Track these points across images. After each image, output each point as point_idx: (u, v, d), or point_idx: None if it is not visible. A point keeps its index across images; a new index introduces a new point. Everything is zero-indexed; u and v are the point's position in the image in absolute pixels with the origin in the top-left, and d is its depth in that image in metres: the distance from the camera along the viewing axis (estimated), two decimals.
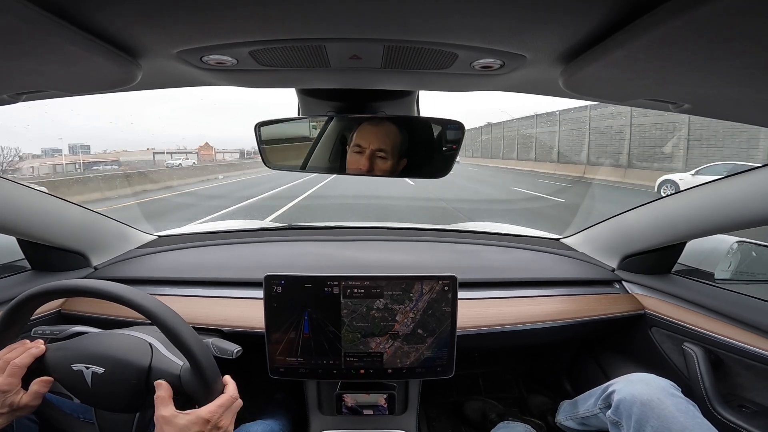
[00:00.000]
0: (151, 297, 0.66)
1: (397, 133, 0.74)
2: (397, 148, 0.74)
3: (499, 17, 0.38)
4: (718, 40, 0.34)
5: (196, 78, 0.60)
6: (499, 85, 0.63)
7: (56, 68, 0.47)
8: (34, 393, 0.65)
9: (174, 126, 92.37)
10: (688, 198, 0.96)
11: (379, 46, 0.46)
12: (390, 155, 0.74)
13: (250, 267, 1.17)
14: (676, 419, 0.74)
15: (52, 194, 1.01)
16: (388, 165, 0.75)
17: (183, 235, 1.40)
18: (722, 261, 1.03)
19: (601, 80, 0.50)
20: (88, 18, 0.38)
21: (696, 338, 0.97)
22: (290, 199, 8.24)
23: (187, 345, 0.64)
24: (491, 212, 7.34)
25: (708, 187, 0.91)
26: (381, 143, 0.74)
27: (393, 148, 0.74)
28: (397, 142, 0.74)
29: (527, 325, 1.01)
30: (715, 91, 0.49)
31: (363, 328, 0.86)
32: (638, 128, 13.16)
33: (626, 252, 1.17)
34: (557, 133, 17.96)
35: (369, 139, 0.74)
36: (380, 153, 0.74)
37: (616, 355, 1.23)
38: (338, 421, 1.00)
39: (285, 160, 0.84)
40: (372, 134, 0.74)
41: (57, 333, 0.78)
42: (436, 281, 0.85)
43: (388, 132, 0.74)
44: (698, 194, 0.93)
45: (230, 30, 0.42)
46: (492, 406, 1.34)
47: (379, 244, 1.38)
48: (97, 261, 1.16)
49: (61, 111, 66.97)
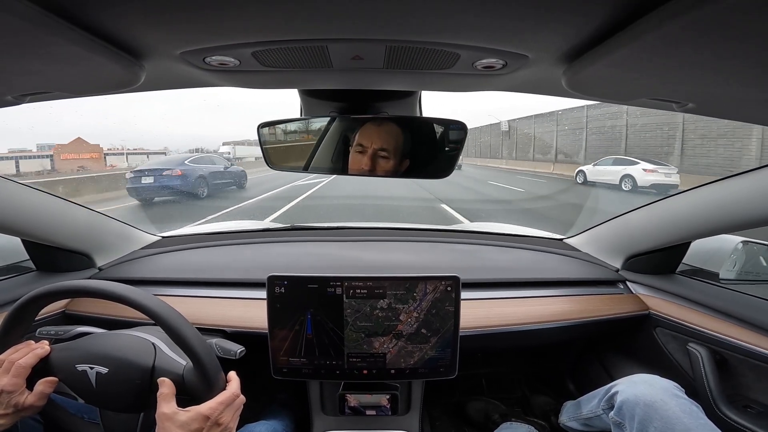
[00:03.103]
0: (154, 297, 0.67)
1: (399, 133, 0.74)
2: (399, 148, 0.74)
3: (501, 17, 0.38)
4: (723, 39, 0.34)
5: (199, 79, 0.60)
6: (501, 85, 0.63)
7: (60, 69, 0.47)
8: (39, 393, 0.65)
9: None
10: (693, 198, 0.96)
11: (381, 46, 0.46)
12: (392, 155, 0.74)
13: (253, 267, 1.17)
14: (679, 420, 0.74)
15: (56, 195, 1.01)
16: (390, 165, 0.75)
17: (186, 236, 1.41)
18: (727, 261, 1.03)
19: (604, 80, 0.50)
20: (92, 19, 0.38)
21: (701, 338, 0.97)
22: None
23: (190, 345, 0.64)
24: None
25: (712, 187, 0.90)
26: (383, 143, 0.74)
27: (395, 148, 0.74)
28: (399, 142, 0.74)
29: (532, 326, 1.00)
30: (720, 90, 0.48)
31: (367, 328, 0.86)
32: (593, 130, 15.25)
33: (630, 252, 1.16)
34: (533, 134, 19.33)
35: (371, 138, 0.74)
36: (382, 152, 0.74)
37: (620, 356, 1.23)
38: (341, 421, 1.00)
39: (287, 160, 0.84)
40: (374, 134, 0.74)
41: (62, 333, 0.79)
42: (439, 281, 0.85)
43: (390, 132, 0.74)
44: (703, 194, 0.93)
45: (233, 31, 0.42)
46: (495, 406, 1.33)
47: (381, 244, 1.38)
48: (102, 262, 1.17)
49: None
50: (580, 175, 11.66)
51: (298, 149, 0.81)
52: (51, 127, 59.90)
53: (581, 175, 11.61)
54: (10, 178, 0.89)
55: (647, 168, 9.61)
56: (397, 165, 0.75)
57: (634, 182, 9.66)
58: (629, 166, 9.96)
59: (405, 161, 0.75)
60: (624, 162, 10.33)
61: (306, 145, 0.80)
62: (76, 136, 34.29)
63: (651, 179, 9.40)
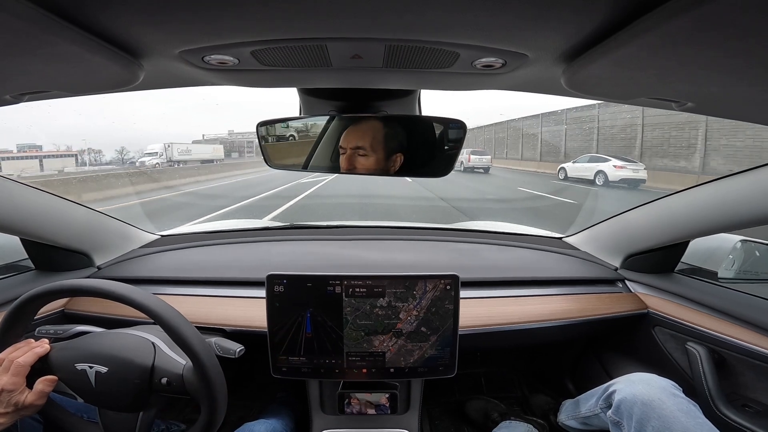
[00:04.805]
0: (154, 296, 0.67)
1: (379, 128, 0.74)
2: (379, 143, 0.73)
3: (500, 16, 0.38)
4: (723, 38, 0.34)
5: (198, 78, 0.60)
6: (500, 84, 0.63)
7: (58, 69, 0.47)
8: (39, 392, 0.65)
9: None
10: (692, 197, 0.96)
11: (380, 45, 0.46)
12: (370, 150, 0.74)
13: (252, 266, 1.17)
14: (677, 419, 0.74)
15: (55, 194, 1.01)
16: (371, 161, 0.74)
17: (185, 235, 1.41)
18: (726, 260, 1.03)
19: (604, 79, 0.50)
20: (91, 18, 0.38)
21: (699, 337, 0.97)
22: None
23: (189, 344, 0.64)
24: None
25: (711, 186, 0.90)
26: (358, 140, 0.73)
27: (372, 144, 0.73)
28: (379, 137, 0.73)
29: (531, 325, 1.00)
30: (720, 89, 0.48)
31: (366, 326, 0.86)
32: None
33: (629, 251, 1.17)
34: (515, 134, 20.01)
35: (348, 138, 0.74)
36: (360, 151, 0.74)
37: (618, 355, 1.23)
38: (341, 420, 1.00)
39: (286, 159, 0.84)
40: (351, 134, 0.74)
41: (61, 332, 0.79)
42: (438, 280, 0.85)
43: (367, 129, 0.74)
44: (701, 193, 0.93)
45: (232, 30, 0.42)
46: (494, 405, 1.33)
47: (381, 243, 1.38)
48: (101, 261, 1.17)
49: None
50: (561, 172, 12.73)
51: (297, 148, 0.81)
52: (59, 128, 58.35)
53: (562, 171, 12.70)
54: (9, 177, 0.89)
55: (617, 164, 10.56)
56: (383, 161, 0.74)
57: (606, 177, 10.56)
58: (602, 163, 10.93)
59: (396, 157, 0.74)
60: (598, 159, 11.32)
61: (305, 144, 0.80)
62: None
63: (620, 174, 10.36)
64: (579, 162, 12.06)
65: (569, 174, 12.15)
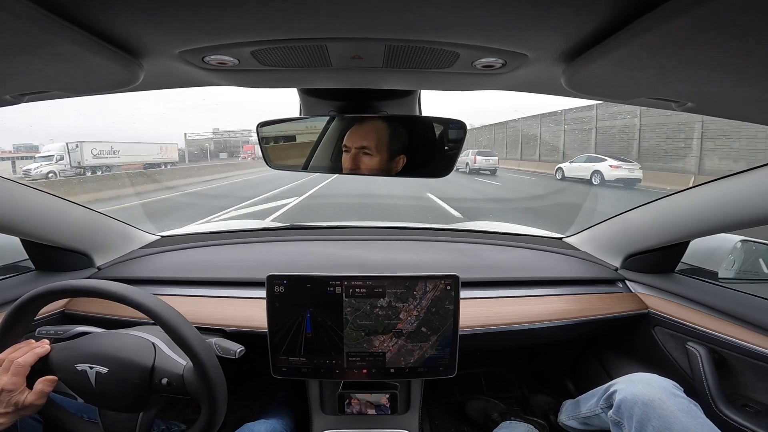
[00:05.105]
0: (154, 297, 0.67)
1: (383, 129, 0.74)
2: (384, 144, 0.74)
3: (500, 16, 0.38)
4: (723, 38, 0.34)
5: (198, 78, 0.60)
6: (500, 85, 0.63)
7: (59, 69, 0.47)
8: (39, 392, 0.65)
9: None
10: (692, 197, 0.96)
11: (380, 45, 0.46)
12: (375, 151, 0.74)
13: (252, 267, 1.17)
14: (677, 419, 0.74)
15: (55, 195, 1.01)
16: (375, 161, 0.74)
17: (185, 236, 1.41)
18: (726, 260, 1.03)
19: (604, 79, 0.50)
20: (91, 18, 0.38)
21: (700, 337, 0.97)
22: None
23: (189, 345, 0.64)
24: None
25: (711, 186, 0.90)
26: (363, 140, 0.74)
27: (377, 144, 0.74)
28: (384, 138, 0.74)
29: (531, 325, 1.00)
30: (720, 89, 0.48)
31: (366, 326, 0.86)
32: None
33: (629, 251, 1.17)
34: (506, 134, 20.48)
35: (352, 137, 0.74)
36: (365, 150, 0.74)
37: (619, 355, 1.23)
38: (341, 420, 1.00)
39: (287, 159, 0.84)
40: (356, 133, 0.74)
41: (61, 333, 0.79)
42: (438, 280, 0.85)
43: (371, 129, 0.74)
44: (701, 193, 0.93)
45: (232, 30, 0.42)
46: (494, 405, 1.33)
47: (381, 243, 1.38)
48: (101, 261, 1.17)
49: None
50: (559, 172, 12.88)
51: (298, 148, 0.81)
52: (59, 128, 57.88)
53: (560, 171, 12.85)
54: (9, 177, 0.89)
55: (613, 164, 10.70)
56: (387, 162, 0.74)
57: (602, 177, 10.71)
58: (598, 163, 11.05)
59: (399, 158, 0.74)
60: (594, 159, 11.45)
61: (305, 144, 0.80)
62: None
63: (616, 174, 10.51)
64: (576, 162, 12.20)
65: (566, 174, 12.23)
